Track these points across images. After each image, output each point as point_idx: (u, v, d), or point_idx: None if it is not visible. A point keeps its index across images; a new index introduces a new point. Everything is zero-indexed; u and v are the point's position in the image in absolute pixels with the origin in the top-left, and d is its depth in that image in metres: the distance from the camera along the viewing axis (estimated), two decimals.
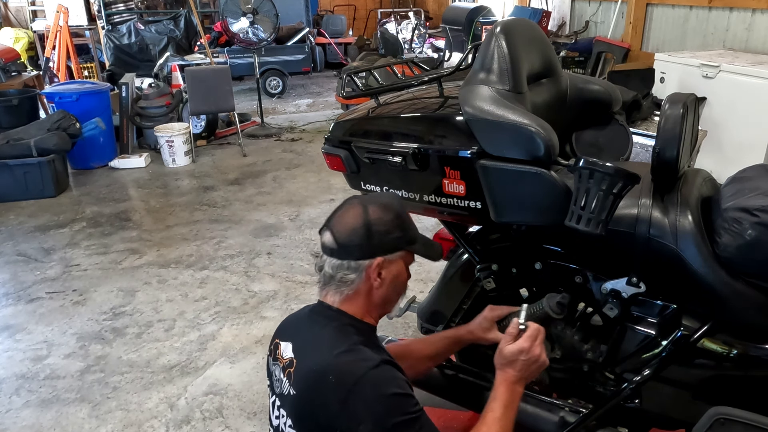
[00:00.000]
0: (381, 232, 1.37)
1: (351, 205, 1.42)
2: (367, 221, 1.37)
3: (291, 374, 1.36)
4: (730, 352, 1.46)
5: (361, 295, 1.40)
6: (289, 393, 1.35)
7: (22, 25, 9.56)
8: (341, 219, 1.40)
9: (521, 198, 1.52)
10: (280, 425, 1.39)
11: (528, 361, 1.38)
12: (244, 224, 4.30)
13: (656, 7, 5.95)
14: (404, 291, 1.48)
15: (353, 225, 1.37)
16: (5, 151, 4.80)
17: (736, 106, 3.91)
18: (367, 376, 1.25)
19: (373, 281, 1.38)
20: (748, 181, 1.44)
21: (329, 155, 1.93)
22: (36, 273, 3.66)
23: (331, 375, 1.27)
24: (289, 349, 1.41)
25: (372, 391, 1.24)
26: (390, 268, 1.39)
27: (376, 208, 1.39)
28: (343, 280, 1.38)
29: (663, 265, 1.42)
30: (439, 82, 1.81)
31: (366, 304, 1.41)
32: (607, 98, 1.90)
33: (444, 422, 2.19)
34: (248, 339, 2.91)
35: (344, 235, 1.37)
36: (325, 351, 1.32)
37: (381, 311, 1.46)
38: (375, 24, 10.76)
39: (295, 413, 1.34)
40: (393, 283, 1.41)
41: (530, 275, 1.74)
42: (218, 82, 5.83)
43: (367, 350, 1.31)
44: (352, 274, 1.37)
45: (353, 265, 1.36)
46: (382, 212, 1.39)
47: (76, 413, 2.45)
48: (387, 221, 1.38)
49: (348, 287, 1.38)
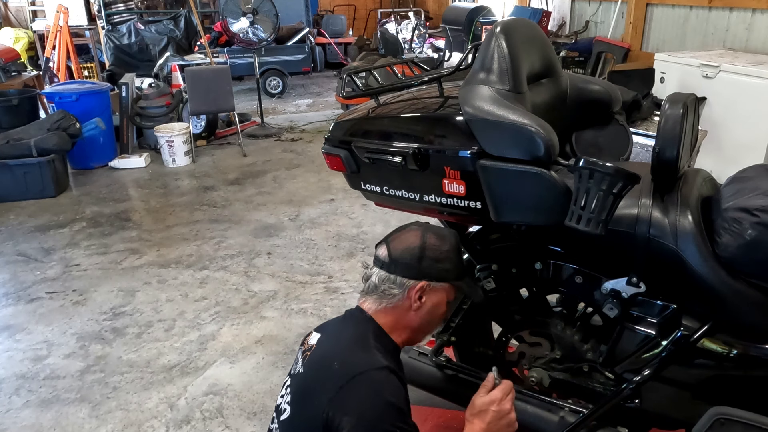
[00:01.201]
0: (432, 258, 1.44)
1: (413, 228, 1.51)
2: (423, 244, 1.45)
3: (307, 357, 1.44)
4: (730, 352, 1.45)
5: (397, 312, 1.46)
6: (298, 372, 1.43)
7: (22, 25, 9.57)
8: (399, 237, 1.50)
9: (521, 198, 1.52)
10: (282, 403, 1.45)
11: (498, 413, 1.39)
12: (244, 224, 4.30)
13: (656, 7, 5.95)
14: (439, 323, 1.55)
15: (409, 244, 1.46)
16: (5, 151, 4.80)
17: (736, 106, 3.91)
18: (369, 374, 1.29)
19: (413, 302, 1.44)
20: (748, 181, 1.44)
21: (329, 155, 1.93)
22: (36, 273, 3.65)
23: (336, 362, 1.34)
24: (315, 339, 1.49)
25: (368, 389, 1.27)
26: (431, 295, 1.46)
27: (434, 237, 1.48)
28: (386, 292, 1.45)
29: (663, 265, 1.42)
30: (439, 82, 1.81)
31: (398, 322, 1.47)
32: (607, 98, 1.90)
33: (444, 422, 2.19)
34: (248, 339, 2.91)
35: (398, 251, 1.46)
36: (340, 343, 1.42)
37: (411, 336, 1.52)
38: (375, 24, 10.76)
39: (296, 392, 1.41)
40: (430, 312, 1.47)
41: (530, 275, 1.74)
42: (218, 82, 5.83)
43: (379, 355, 1.36)
44: (396, 289, 1.44)
45: (399, 281, 1.44)
46: (439, 241, 1.47)
47: (76, 413, 2.45)
48: (441, 251, 1.46)
49: (388, 300, 1.45)
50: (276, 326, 3.01)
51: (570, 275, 1.65)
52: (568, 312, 1.79)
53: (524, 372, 1.89)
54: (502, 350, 1.97)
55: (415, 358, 1.96)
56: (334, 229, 4.17)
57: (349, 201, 4.61)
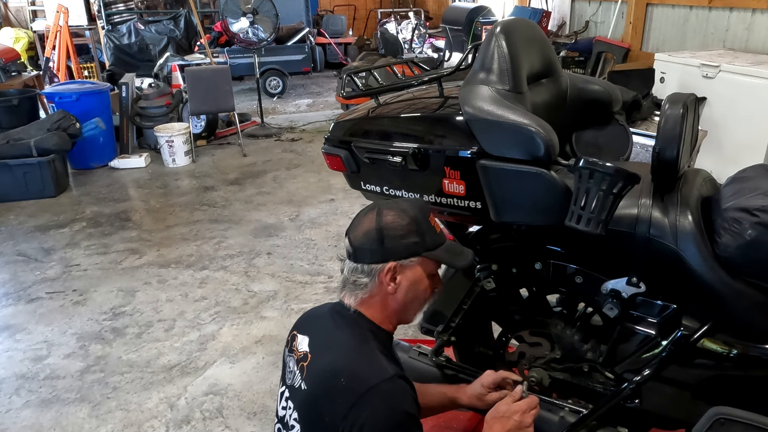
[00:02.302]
0: (394, 237, 1.36)
1: (368, 210, 1.42)
2: (380, 225, 1.36)
3: (304, 368, 1.36)
4: (730, 352, 1.45)
5: (377, 299, 1.39)
6: (300, 387, 1.36)
7: (22, 25, 9.56)
8: (357, 223, 1.41)
9: (521, 198, 1.52)
10: (286, 416, 1.40)
11: (519, 424, 1.38)
12: (244, 224, 4.30)
13: (656, 7, 5.95)
14: (427, 299, 1.46)
15: (367, 229, 1.38)
16: (5, 151, 4.80)
17: (736, 106, 3.91)
18: (380, 387, 1.24)
19: (386, 286, 1.37)
20: (748, 181, 1.44)
21: (329, 155, 1.93)
22: (36, 273, 3.66)
23: (343, 377, 1.27)
24: (305, 344, 1.41)
25: (381, 402, 1.23)
26: (405, 273, 1.38)
27: (391, 213, 1.38)
28: (357, 283, 1.38)
29: (663, 265, 1.42)
30: (439, 82, 1.81)
31: (383, 310, 1.41)
32: (607, 98, 1.90)
33: (444, 422, 2.19)
34: (248, 339, 2.91)
35: (358, 238, 1.38)
36: (340, 352, 1.33)
37: (400, 318, 1.45)
38: (375, 24, 10.76)
39: (302, 408, 1.35)
40: (411, 290, 1.39)
41: (530, 275, 1.74)
42: (218, 82, 5.83)
43: (384, 360, 1.31)
44: (365, 278, 1.37)
45: (366, 268, 1.37)
46: (397, 217, 1.37)
47: (76, 413, 2.45)
48: (401, 226, 1.36)
49: (362, 291, 1.38)
50: (276, 326, 3.01)
51: (570, 275, 1.65)
52: (568, 312, 1.79)
53: (524, 372, 1.89)
54: (502, 350, 1.97)
55: (415, 358, 1.95)
56: (334, 229, 4.16)
57: (349, 201, 4.61)
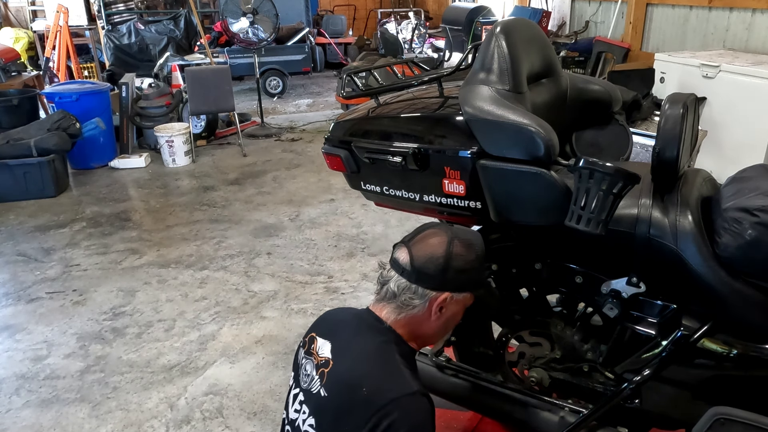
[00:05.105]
0: (458, 269, 1.36)
1: (436, 232, 1.40)
2: (449, 254, 1.35)
3: (324, 374, 1.34)
4: (730, 352, 1.45)
5: (416, 321, 1.39)
6: (319, 393, 1.34)
7: (22, 25, 9.56)
8: (423, 242, 1.39)
9: (521, 198, 1.53)
10: (299, 421, 1.38)
11: None
12: (244, 224, 4.30)
13: (656, 7, 5.95)
14: (452, 330, 1.48)
15: (433, 253, 1.36)
16: (5, 151, 4.80)
17: (736, 106, 3.91)
18: (401, 401, 1.23)
19: (433, 314, 1.38)
20: (748, 181, 1.44)
21: (329, 155, 1.93)
22: (36, 273, 3.65)
23: (365, 387, 1.26)
24: (327, 349, 1.39)
25: (403, 418, 1.22)
26: (451, 306, 1.39)
27: (460, 245, 1.37)
28: (407, 303, 1.37)
29: (663, 265, 1.42)
30: (439, 82, 1.81)
31: (416, 331, 1.41)
32: (607, 98, 1.90)
33: (444, 422, 2.19)
34: (248, 339, 2.91)
35: (422, 259, 1.36)
36: (365, 362, 1.32)
37: (426, 341, 1.47)
38: (375, 24, 10.76)
39: (320, 416, 1.33)
40: (448, 321, 1.41)
41: (530, 275, 1.74)
42: (218, 82, 5.83)
43: (408, 374, 1.31)
44: (417, 300, 1.36)
45: (420, 291, 1.36)
46: (465, 250, 1.37)
47: (76, 413, 2.45)
48: (467, 261, 1.37)
49: (409, 311, 1.38)
50: (276, 326, 3.01)
51: (570, 275, 1.65)
52: (568, 312, 1.79)
53: (524, 372, 1.89)
54: (502, 350, 1.97)
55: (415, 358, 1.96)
56: (334, 229, 4.17)
57: (349, 201, 4.61)
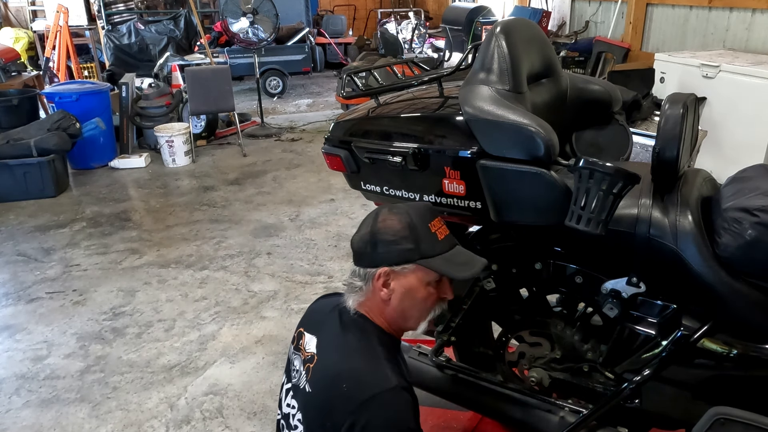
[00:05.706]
0: (386, 242, 1.33)
1: (372, 213, 1.40)
2: (375, 229, 1.35)
3: (310, 370, 1.36)
4: (730, 352, 1.45)
5: (375, 304, 1.38)
6: (305, 388, 1.36)
7: (22, 25, 9.56)
8: (360, 226, 1.41)
9: (521, 198, 1.53)
10: (290, 415, 1.40)
11: None
12: (244, 224, 4.30)
13: (656, 7, 5.95)
14: (429, 307, 1.40)
15: (363, 232, 1.38)
16: (5, 151, 4.80)
17: (736, 106, 3.91)
18: (381, 396, 1.22)
19: (379, 291, 1.35)
20: (748, 181, 1.44)
21: (329, 155, 1.94)
22: (36, 273, 3.65)
23: (345, 383, 1.25)
24: (313, 344, 1.40)
25: (381, 412, 1.22)
26: (399, 280, 1.34)
27: (389, 217, 1.35)
28: (353, 286, 1.39)
29: (663, 265, 1.42)
30: (439, 82, 1.81)
31: (383, 315, 1.39)
32: (607, 98, 1.90)
33: (444, 422, 2.19)
34: (248, 339, 2.91)
35: (356, 241, 1.39)
36: (345, 356, 1.32)
37: (400, 325, 1.43)
38: (375, 24, 10.76)
39: (305, 410, 1.35)
40: (407, 298, 1.35)
41: (530, 275, 1.74)
42: (218, 82, 5.83)
43: (388, 368, 1.29)
44: (359, 282, 1.37)
45: (361, 272, 1.37)
46: (393, 221, 1.34)
47: (76, 413, 2.45)
48: (395, 231, 1.33)
49: (357, 294, 1.38)
50: (276, 326, 3.01)
51: (570, 275, 1.65)
52: (568, 312, 1.79)
53: (524, 372, 1.89)
54: (502, 350, 1.97)
55: (415, 358, 1.95)
56: (334, 229, 4.17)
57: (349, 201, 4.61)
